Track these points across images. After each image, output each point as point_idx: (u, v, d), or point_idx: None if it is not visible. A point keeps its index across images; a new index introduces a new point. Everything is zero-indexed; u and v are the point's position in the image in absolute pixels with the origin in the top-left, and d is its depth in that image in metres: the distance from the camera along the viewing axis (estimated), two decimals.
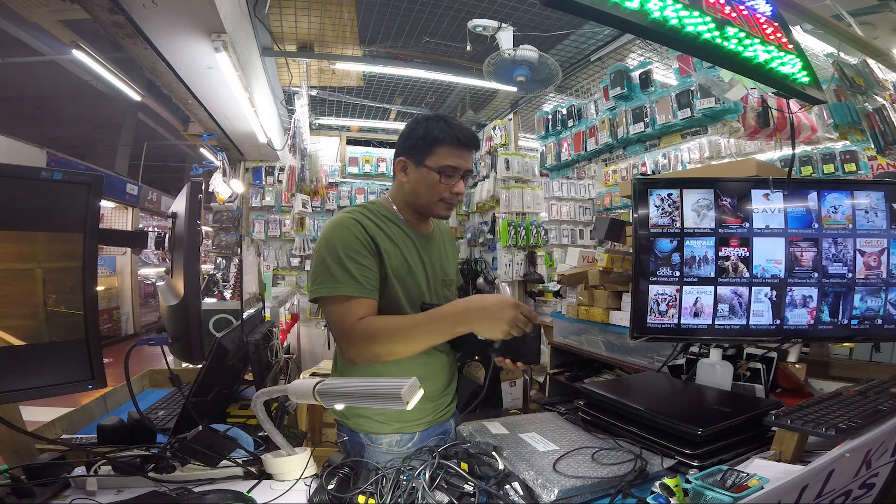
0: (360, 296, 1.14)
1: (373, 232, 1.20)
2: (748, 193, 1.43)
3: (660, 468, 1.04)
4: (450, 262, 1.44)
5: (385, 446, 1.25)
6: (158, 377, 1.91)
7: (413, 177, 1.27)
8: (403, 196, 1.31)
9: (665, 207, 1.44)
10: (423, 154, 1.24)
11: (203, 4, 2.06)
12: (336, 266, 1.14)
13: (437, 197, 1.26)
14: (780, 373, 1.56)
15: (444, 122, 1.25)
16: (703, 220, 1.43)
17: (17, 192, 0.96)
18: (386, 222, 1.26)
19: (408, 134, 1.28)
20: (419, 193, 1.27)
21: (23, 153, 5.56)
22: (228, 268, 4.99)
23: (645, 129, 2.72)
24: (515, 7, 2.95)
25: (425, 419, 1.29)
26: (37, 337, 0.98)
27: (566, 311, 2.77)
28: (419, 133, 1.24)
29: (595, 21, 1.27)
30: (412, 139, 1.26)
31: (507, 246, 4.01)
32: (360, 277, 1.14)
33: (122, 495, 0.95)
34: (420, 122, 1.26)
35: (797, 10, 1.82)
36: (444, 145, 1.23)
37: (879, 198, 1.43)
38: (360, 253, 1.16)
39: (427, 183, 1.25)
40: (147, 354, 2.03)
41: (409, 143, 1.26)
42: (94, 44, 3.81)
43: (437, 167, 1.23)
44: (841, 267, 1.42)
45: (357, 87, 4.40)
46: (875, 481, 1.11)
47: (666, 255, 1.43)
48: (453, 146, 1.23)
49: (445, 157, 1.23)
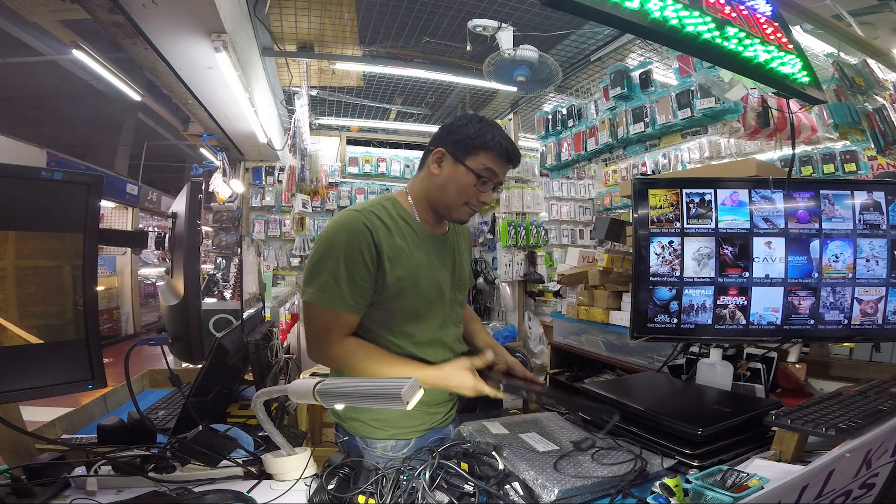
0: (345, 312, 1.14)
1: (381, 238, 1.15)
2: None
3: (660, 468, 1.04)
4: (465, 263, 1.39)
5: (380, 451, 1.23)
6: (158, 377, 1.90)
7: (447, 172, 1.20)
8: (427, 190, 1.25)
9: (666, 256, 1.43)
10: (466, 152, 1.19)
11: (203, 4, 2.06)
12: (330, 276, 1.12)
13: (463, 199, 1.21)
14: (780, 373, 1.56)
15: (497, 129, 1.21)
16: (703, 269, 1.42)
17: (18, 192, 0.96)
18: (399, 223, 1.21)
19: (457, 128, 1.20)
20: (447, 191, 1.21)
21: (23, 153, 5.56)
22: (228, 268, 4.99)
23: (645, 129, 2.72)
24: (515, 7, 2.95)
25: (421, 426, 1.26)
26: (37, 337, 0.98)
27: (566, 311, 2.77)
28: (470, 131, 1.18)
29: (595, 21, 1.27)
30: (460, 134, 1.19)
31: (507, 246, 4.01)
32: (352, 296, 1.13)
33: (122, 495, 0.95)
34: (473, 121, 1.20)
35: (797, 10, 1.82)
36: (492, 152, 1.18)
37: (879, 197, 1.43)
38: (360, 270, 1.13)
39: (460, 182, 1.19)
40: (147, 354, 2.03)
41: (455, 138, 1.20)
42: (94, 44, 3.81)
43: (476, 169, 1.18)
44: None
45: (357, 87, 4.40)
46: (875, 481, 1.11)
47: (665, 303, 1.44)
48: (499, 156, 1.19)
49: (488, 162, 1.19)
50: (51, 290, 1.01)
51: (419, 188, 1.27)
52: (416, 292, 1.20)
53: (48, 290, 1.01)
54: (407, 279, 1.18)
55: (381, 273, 1.16)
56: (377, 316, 1.20)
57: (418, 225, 1.25)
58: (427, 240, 1.25)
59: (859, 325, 1.44)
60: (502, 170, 1.22)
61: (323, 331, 1.16)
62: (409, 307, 1.21)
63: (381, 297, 1.18)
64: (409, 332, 1.22)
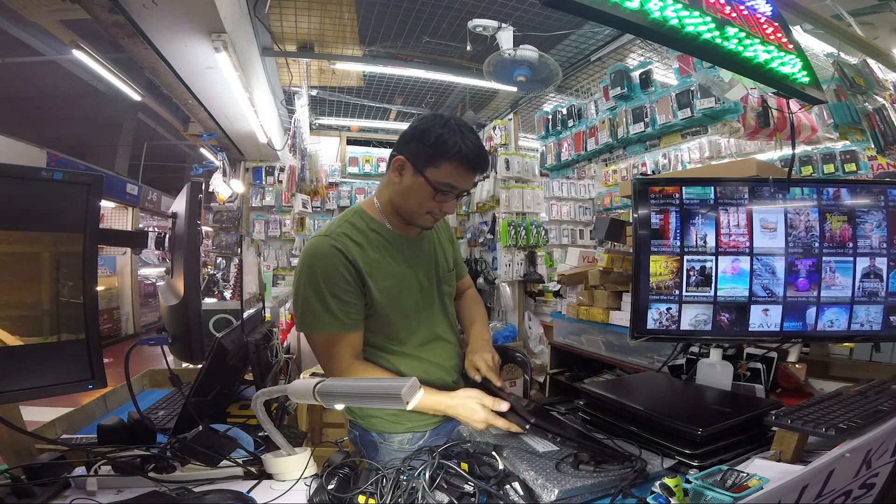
0: (342, 332, 1.15)
1: (354, 257, 1.16)
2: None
3: (660, 468, 1.04)
4: (447, 254, 1.39)
5: (397, 444, 1.25)
6: (158, 377, 1.90)
7: (407, 181, 1.17)
8: (390, 196, 1.23)
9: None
10: (425, 163, 1.14)
11: (203, 4, 2.06)
12: (317, 303, 1.14)
13: (425, 209, 1.19)
14: (780, 373, 1.56)
15: (459, 133, 1.13)
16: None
17: (18, 192, 0.96)
18: (370, 236, 1.21)
19: (417, 136, 1.15)
20: (408, 200, 1.19)
21: (23, 153, 5.56)
22: (228, 268, 4.99)
23: (645, 129, 2.72)
24: (515, 7, 2.95)
25: (436, 418, 1.28)
26: (37, 337, 0.98)
27: (566, 311, 2.77)
28: (429, 139, 1.12)
29: (595, 21, 1.27)
30: (420, 143, 1.14)
31: (507, 246, 4.01)
32: (342, 314, 1.14)
33: (122, 495, 0.95)
34: (433, 128, 1.13)
35: (797, 10, 1.82)
36: (452, 161, 1.12)
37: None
38: (342, 287, 1.14)
39: (419, 193, 1.16)
40: (147, 354, 2.03)
41: (414, 147, 1.15)
42: (94, 44, 3.81)
43: (435, 182, 1.14)
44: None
45: (357, 87, 4.40)
46: (875, 481, 1.11)
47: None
48: (460, 165, 1.13)
49: (448, 174, 1.14)
50: (50, 290, 1.01)
51: (385, 194, 1.26)
52: (403, 299, 1.23)
53: (48, 289, 1.01)
54: (391, 289, 1.20)
55: (367, 289, 1.18)
56: (373, 327, 1.23)
57: (390, 232, 1.25)
58: (402, 245, 1.26)
59: (859, 325, 1.43)
60: (465, 180, 1.17)
61: (330, 355, 1.17)
62: (401, 313, 1.23)
63: (371, 310, 1.20)
64: (406, 337, 1.25)
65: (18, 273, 0.98)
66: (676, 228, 1.42)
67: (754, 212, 1.41)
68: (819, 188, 1.43)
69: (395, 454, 1.21)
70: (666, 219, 1.42)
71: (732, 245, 1.41)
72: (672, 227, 1.42)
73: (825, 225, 1.41)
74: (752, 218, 1.41)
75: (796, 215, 1.42)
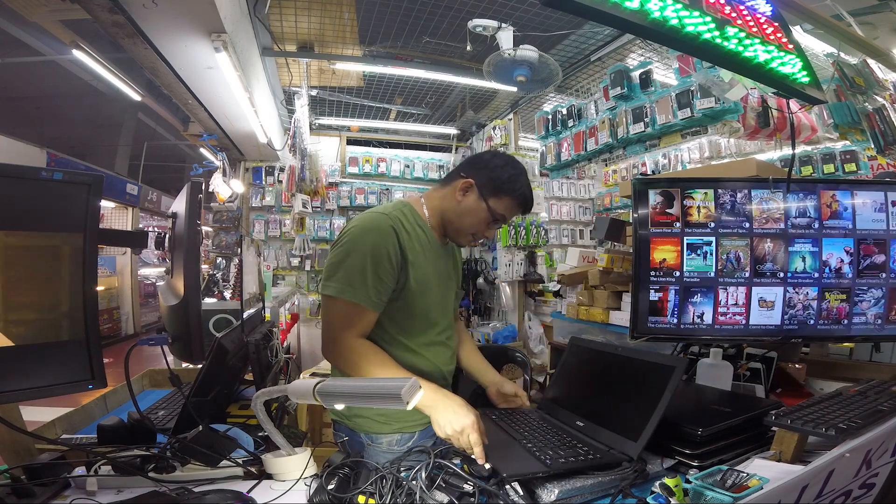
0: (368, 308, 1.18)
1: (405, 243, 1.23)
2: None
3: (660, 468, 1.04)
4: (458, 275, 1.51)
5: (385, 445, 1.27)
6: (158, 377, 1.90)
7: (470, 203, 1.28)
8: (444, 210, 1.33)
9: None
10: (494, 193, 1.27)
11: (203, 4, 2.06)
12: (359, 273, 1.16)
13: (473, 230, 1.31)
14: (780, 373, 1.56)
15: (524, 176, 1.31)
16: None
17: (18, 192, 0.96)
18: (416, 230, 1.29)
19: (493, 167, 1.29)
20: (463, 219, 1.30)
21: (23, 153, 5.56)
22: (228, 268, 4.98)
23: (645, 129, 2.72)
24: (515, 7, 2.95)
25: (425, 419, 1.26)
26: (37, 337, 0.98)
27: (566, 311, 2.77)
28: (504, 175, 1.27)
29: (595, 21, 1.27)
30: (494, 174, 1.27)
31: (507, 246, 4.02)
32: (376, 294, 1.18)
33: (122, 495, 0.95)
34: (509, 166, 1.29)
35: (797, 10, 1.82)
36: (514, 199, 1.29)
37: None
38: (386, 269, 1.18)
39: (477, 216, 1.29)
40: (147, 354, 2.03)
41: (489, 175, 1.28)
42: (94, 44, 3.80)
43: (496, 211, 1.28)
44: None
45: (357, 87, 4.39)
46: (875, 481, 1.11)
47: None
48: (519, 205, 1.30)
49: (507, 208, 1.29)
50: (51, 290, 1.01)
51: (437, 204, 1.34)
52: (430, 296, 1.29)
53: (48, 290, 1.01)
54: (424, 282, 1.26)
55: (404, 274, 1.23)
56: (393, 314, 1.25)
57: (431, 234, 1.33)
58: (437, 248, 1.34)
59: (859, 325, 1.44)
60: (514, 214, 1.33)
61: (342, 325, 1.18)
62: (423, 309, 1.28)
63: (400, 296, 1.24)
64: (419, 332, 1.29)
65: (18, 273, 0.98)
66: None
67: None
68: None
69: (383, 456, 1.21)
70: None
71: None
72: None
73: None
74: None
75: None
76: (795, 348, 1.65)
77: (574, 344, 1.47)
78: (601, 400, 1.25)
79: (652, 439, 1.02)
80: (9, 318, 0.95)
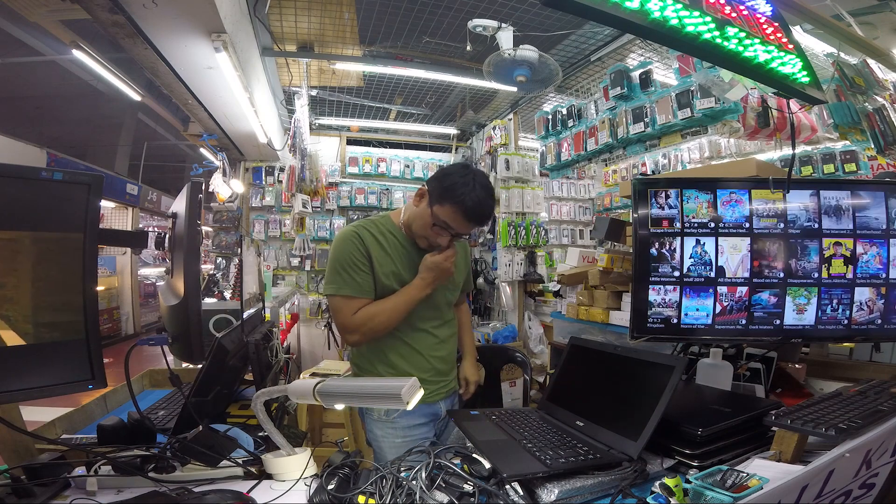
0: (357, 296, 1.41)
1: (369, 244, 1.43)
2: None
3: (660, 468, 1.04)
4: (459, 271, 1.59)
5: (376, 414, 1.47)
6: (158, 377, 1.90)
7: (421, 208, 1.42)
8: (408, 214, 1.48)
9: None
10: (438, 199, 1.37)
11: (203, 4, 2.06)
12: (339, 273, 1.41)
13: (423, 234, 1.43)
14: (779, 373, 1.56)
15: (471, 186, 1.34)
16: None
17: (18, 192, 0.96)
18: (385, 235, 1.47)
19: (441, 175, 1.40)
20: (415, 221, 1.44)
21: (23, 153, 5.56)
22: (228, 268, 4.98)
23: (645, 129, 2.72)
24: (515, 7, 2.95)
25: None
26: (37, 337, 0.98)
27: (566, 311, 2.77)
28: (447, 182, 1.36)
29: (595, 21, 1.27)
30: (440, 182, 1.38)
31: (507, 246, 4.01)
32: (356, 283, 1.41)
33: (122, 495, 0.95)
34: (454, 174, 1.38)
35: (797, 10, 1.82)
36: (455, 207, 1.35)
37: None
38: (356, 265, 1.41)
39: (423, 220, 1.41)
40: (147, 354, 2.03)
41: (436, 184, 1.39)
42: (94, 44, 3.81)
43: (437, 217, 1.37)
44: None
45: (357, 87, 4.39)
46: (875, 481, 1.11)
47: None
48: (461, 214, 1.35)
49: (449, 215, 1.36)
50: (51, 290, 1.01)
51: (406, 211, 1.50)
52: (399, 284, 1.44)
53: (48, 290, 1.01)
54: (393, 277, 1.44)
55: (374, 272, 1.43)
56: None
57: (404, 237, 1.49)
58: (411, 248, 1.48)
59: (859, 325, 1.44)
60: (462, 226, 1.39)
61: (344, 312, 1.41)
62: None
63: (376, 288, 1.43)
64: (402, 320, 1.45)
65: (18, 273, 0.98)
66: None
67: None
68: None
69: (376, 425, 1.47)
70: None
71: None
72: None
73: None
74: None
75: None
76: (795, 348, 1.65)
77: (574, 344, 1.48)
78: (601, 400, 1.25)
79: (652, 439, 1.02)
80: (9, 318, 0.95)
